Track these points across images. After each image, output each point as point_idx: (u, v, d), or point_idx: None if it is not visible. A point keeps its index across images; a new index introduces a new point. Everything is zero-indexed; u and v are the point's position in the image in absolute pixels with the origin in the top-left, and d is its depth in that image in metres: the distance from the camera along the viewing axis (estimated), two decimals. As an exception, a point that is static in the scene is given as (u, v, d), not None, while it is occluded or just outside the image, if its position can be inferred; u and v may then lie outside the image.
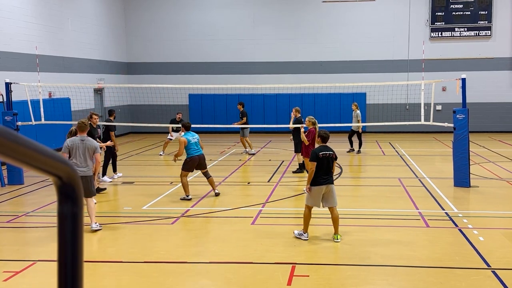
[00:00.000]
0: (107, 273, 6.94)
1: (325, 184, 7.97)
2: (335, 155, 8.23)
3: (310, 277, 6.57)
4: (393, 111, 23.12)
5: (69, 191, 1.14)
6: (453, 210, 9.89)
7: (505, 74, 24.16)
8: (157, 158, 17.46)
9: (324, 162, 8.00)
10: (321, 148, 8.19)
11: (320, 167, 7.95)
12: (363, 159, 17.35)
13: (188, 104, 25.69)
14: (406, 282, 6.55)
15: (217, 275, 6.85)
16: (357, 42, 24.79)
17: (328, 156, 8.04)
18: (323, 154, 8.01)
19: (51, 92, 19.17)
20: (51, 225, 9.20)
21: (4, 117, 13.27)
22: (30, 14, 18.23)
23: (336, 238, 8.03)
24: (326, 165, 8.01)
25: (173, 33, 26.07)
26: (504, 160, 16.02)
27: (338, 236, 8.06)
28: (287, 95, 24.95)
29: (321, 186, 7.95)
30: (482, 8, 24.03)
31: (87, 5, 22.63)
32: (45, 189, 12.39)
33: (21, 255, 7.74)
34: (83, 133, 8.95)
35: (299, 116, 14.06)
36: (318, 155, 7.97)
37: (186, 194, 11.01)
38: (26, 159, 0.96)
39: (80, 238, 1.16)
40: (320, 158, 7.96)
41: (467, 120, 11.79)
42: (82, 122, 9.14)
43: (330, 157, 8.07)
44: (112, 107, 23.75)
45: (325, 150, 8.11)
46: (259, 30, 25.47)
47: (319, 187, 7.95)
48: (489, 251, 7.47)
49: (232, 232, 8.74)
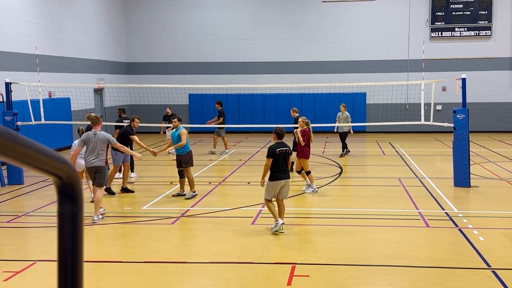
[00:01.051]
0: (107, 273, 6.94)
1: (284, 179, 8.44)
2: (290, 150, 8.67)
3: (310, 277, 6.57)
4: (393, 111, 23.11)
5: (69, 191, 1.14)
6: (453, 210, 9.89)
7: (505, 74, 24.16)
8: (157, 158, 17.43)
9: (281, 158, 8.43)
10: (277, 144, 8.56)
11: (277, 163, 8.39)
12: (363, 159, 17.35)
13: (188, 104, 25.68)
14: (406, 282, 6.55)
15: (217, 275, 6.85)
16: (357, 42, 24.79)
17: (284, 152, 8.48)
18: (280, 150, 8.44)
19: (51, 92, 19.17)
20: (51, 225, 9.20)
21: (4, 117, 13.27)
22: (30, 14, 18.23)
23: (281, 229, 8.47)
24: (283, 161, 8.45)
25: (173, 33, 26.07)
26: (504, 160, 16.02)
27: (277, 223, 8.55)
28: (287, 95, 24.94)
29: (281, 180, 8.41)
30: (482, 8, 24.03)
31: (87, 5, 22.63)
32: (45, 189, 12.39)
33: (21, 255, 7.74)
34: (97, 127, 9.48)
35: (297, 115, 14.09)
36: (275, 151, 8.40)
37: (193, 190, 11.16)
38: (26, 159, 0.96)
39: (80, 238, 1.16)
40: (277, 154, 8.39)
41: (467, 120, 11.79)
42: (95, 117, 9.77)
43: (286, 152, 8.51)
44: (112, 107, 23.79)
45: (281, 146, 8.53)
46: (259, 30, 25.48)
47: (278, 182, 8.40)
48: (489, 251, 7.47)
49: (232, 232, 8.74)
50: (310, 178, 11.57)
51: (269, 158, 8.41)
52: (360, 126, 24.15)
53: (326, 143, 21.10)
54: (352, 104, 24.80)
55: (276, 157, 8.37)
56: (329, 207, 10.34)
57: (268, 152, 8.47)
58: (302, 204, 10.75)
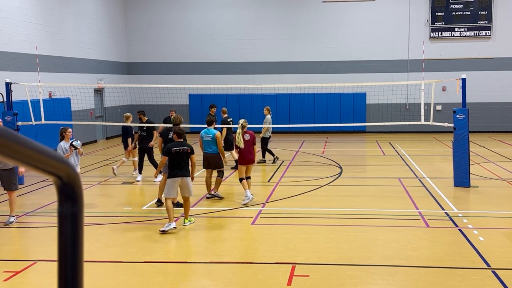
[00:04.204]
0: (107, 273, 6.94)
1: (180, 177, 8.68)
2: (190, 149, 8.82)
3: (310, 277, 6.57)
4: (393, 111, 23.11)
5: (69, 191, 1.14)
6: (453, 210, 9.89)
7: (505, 74, 24.15)
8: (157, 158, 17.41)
9: (178, 157, 8.67)
10: (175, 143, 8.82)
11: (173, 161, 8.66)
12: (363, 159, 17.34)
13: (188, 104, 25.68)
14: (406, 282, 6.55)
15: (217, 275, 6.85)
16: (357, 42, 24.79)
17: (181, 151, 8.70)
18: (177, 149, 8.68)
19: (51, 92, 19.18)
20: (51, 225, 9.20)
21: (4, 117, 13.26)
22: (30, 14, 18.23)
23: (185, 222, 8.91)
24: (180, 160, 8.68)
25: (173, 33, 26.07)
26: (504, 160, 16.02)
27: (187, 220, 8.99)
28: (287, 95, 24.95)
29: (177, 178, 8.66)
30: (482, 8, 24.03)
31: (87, 5, 22.63)
32: (45, 189, 12.39)
33: (21, 255, 7.74)
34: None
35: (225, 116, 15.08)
36: (171, 150, 8.66)
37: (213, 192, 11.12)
38: (26, 159, 0.96)
39: (80, 238, 1.16)
40: (172, 153, 8.65)
41: (467, 120, 11.79)
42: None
43: (184, 152, 8.73)
44: (112, 107, 23.80)
45: (178, 145, 8.76)
46: (259, 30, 25.47)
47: (174, 179, 8.66)
48: (489, 251, 7.47)
49: (232, 232, 8.74)
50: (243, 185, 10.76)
51: (164, 156, 8.78)
52: (360, 126, 24.18)
53: (326, 143, 21.10)
54: (352, 104, 24.84)
55: (172, 155, 8.63)
56: (329, 207, 10.34)
57: (164, 151, 8.85)
58: (302, 204, 10.75)
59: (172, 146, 8.74)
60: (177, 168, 8.66)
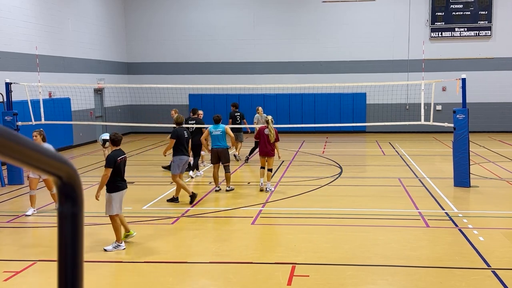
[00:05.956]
0: (107, 273, 6.94)
1: (126, 188, 7.90)
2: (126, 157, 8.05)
3: (310, 277, 6.57)
4: (393, 111, 23.11)
5: (69, 191, 1.14)
6: (453, 210, 9.89)
7: (505, 74, 24.14)
8: (157, 158, 17.44)
9: (122, 167, 7.79)
10: (116, 152, 7.77)
11: (117, 172, 7.68)
12: (363, 159, 17.33)
13: (188, 104, 25.65)
14: (406, 282, 6.55)
15: (217, 275, 6.85)
16: (357, 42, 24.79)
17: (124, 160, 7.87)
18: (121, 158, 7.76)
19: (51, 92, 19.17)
20: (51, 225, 9.20)
21: (4, 117, 13.27)
22: (30, 14, 18.22)
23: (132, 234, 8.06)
24: (123, 169, 7.85)
25: (173, 33, 26.07)
26: (504, 160, 16.02)
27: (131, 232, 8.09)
28: (287, 95, 24.95)
29: (123, 190, 7.82)
30: (482, 8, 24.03)
31: (87, 5, 22.63)
32: (45, 189, 12.36)
33: (21, 255, 7.74)
34: None
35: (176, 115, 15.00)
36: (117, 160, 7.65)
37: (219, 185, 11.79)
38: (26, 159, 0.97)
39: (80, 238, 1.16)
40: (118, 163, 7.68)
41: (467, 120, 11.79)
42: None
43: (125, 160, 7.92)
44: (112, 107, 23.80)
45: (121, 154, 7.79)
46: (259, 30, 25.47)
47: (120, 192, 7.78)
48: (489, 251, 7.47)
49: (232, 232, 8.74)
50: (260, 173, 12.08)
51: (108, 168, 7.55)
52: (360, 126, 24.17)
53: (326, 143, 21.10)
54: (352, 104, 24.84)
55: (117, 166, 7.63)
56: (329, 207, 10.34)
57: (109, 162, 7.59)
58: (302, 204, 10.74)
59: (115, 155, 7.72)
60: (122, 180, 7.84)
